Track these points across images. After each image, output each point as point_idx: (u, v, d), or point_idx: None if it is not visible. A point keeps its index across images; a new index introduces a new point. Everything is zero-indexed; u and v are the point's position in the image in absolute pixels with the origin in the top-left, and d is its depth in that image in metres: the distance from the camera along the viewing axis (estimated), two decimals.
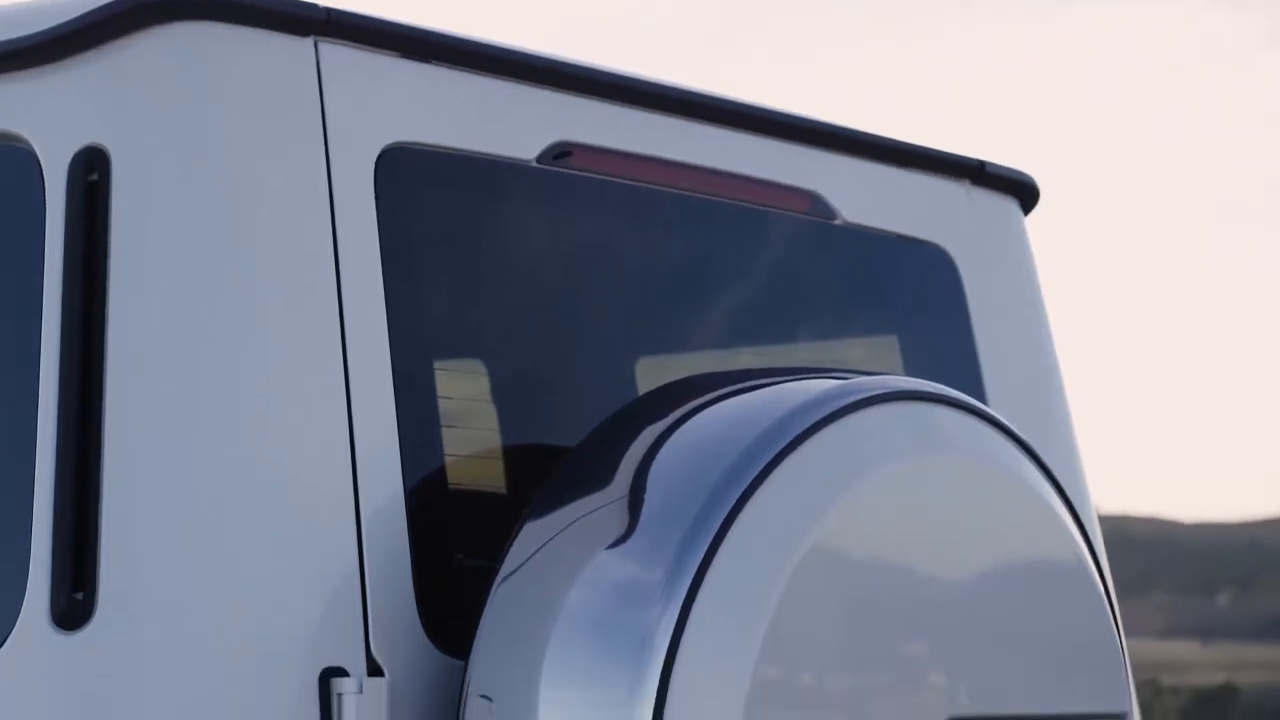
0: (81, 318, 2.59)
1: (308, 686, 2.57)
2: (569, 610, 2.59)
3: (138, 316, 2.60)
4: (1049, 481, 2.87)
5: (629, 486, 2.67)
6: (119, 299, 2.59)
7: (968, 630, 2.73)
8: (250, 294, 2.63)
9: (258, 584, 2.58)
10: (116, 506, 2.56)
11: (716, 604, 2.53)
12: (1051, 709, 2.83)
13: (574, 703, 2.56)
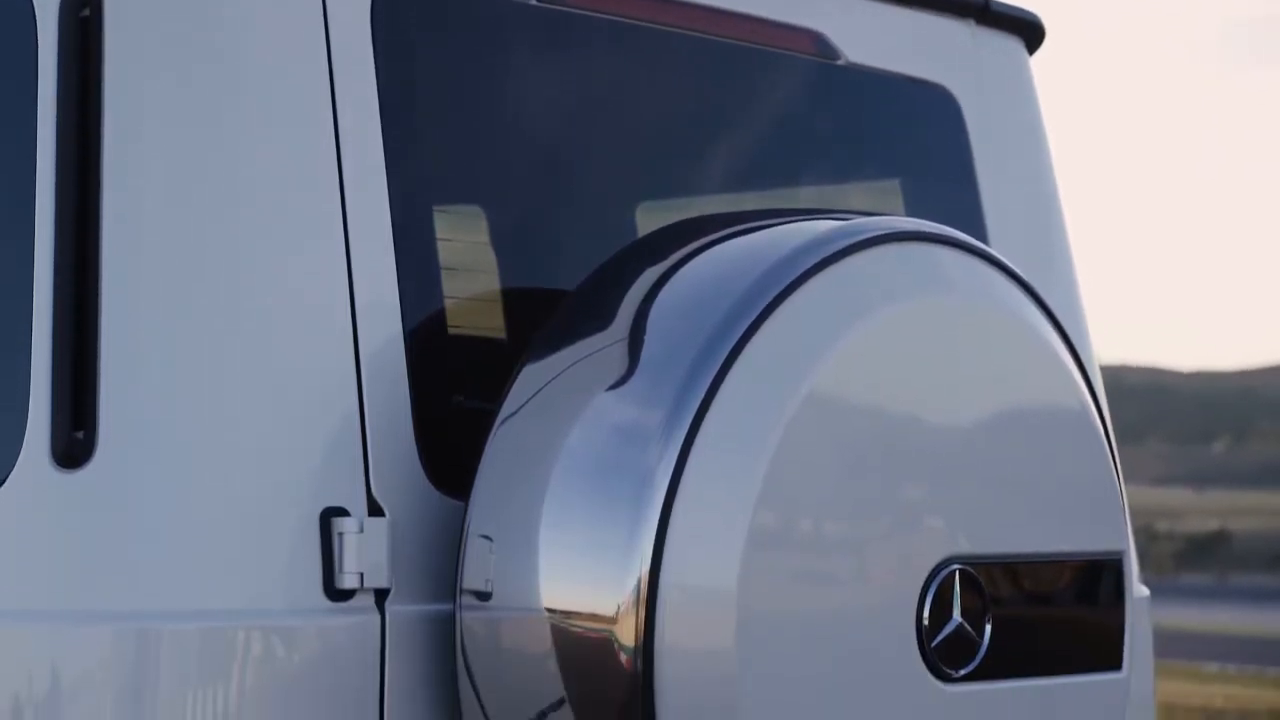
0: (77, 156, 2.58)
1: (308, 526, 2.58)
2: (569, 451, 2.59)
3: (134, 157, 2.58)
4: (1051, 324, 2.86)
5: (628, 329, 2.66)
6: (114, 140, 2.57)
7: (967, 472, 2.73)
8: (247, 136, 2.61)
9: (257, 424, 2.59)
10: (115, 345, 2.55)
11: (716, 445, 2.53)
12: (1050, 549, 2.84)
13: (574, 543, 2.57)
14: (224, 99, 2.61)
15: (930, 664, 2.66)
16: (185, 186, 2.59)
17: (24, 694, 2.53)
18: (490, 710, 2.60)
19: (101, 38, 2.58)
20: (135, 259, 2.57)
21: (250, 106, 2.62)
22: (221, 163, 2.60)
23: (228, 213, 2.60)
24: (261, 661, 2.54)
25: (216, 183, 2.60)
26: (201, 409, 2.57)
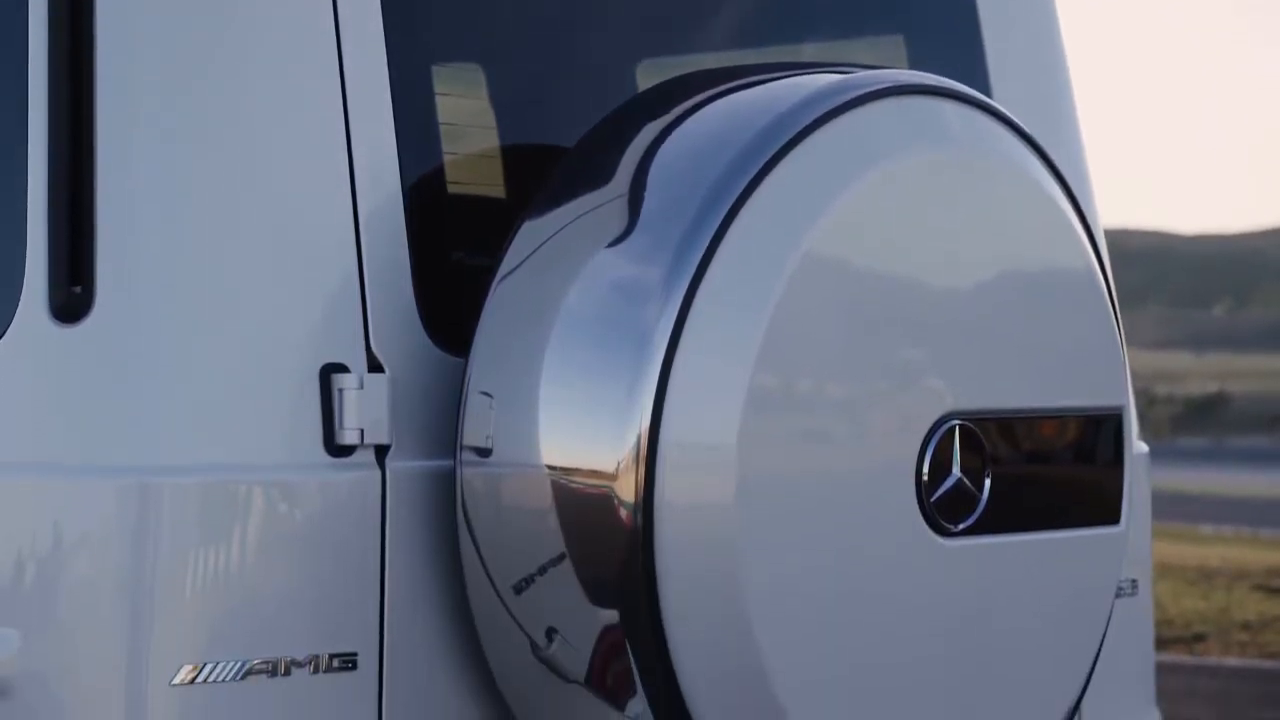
0: (72, 9, 2.55)
1: (308, 382, 2.58)
2: (568, 308, 2.59)
3: (132, 8, 2.56)
4: (1056, 179, 2.84)
5: (628, 185, 2.65)
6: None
7: (968, 329, 2.73)
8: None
9: (256, 280, 2.58)
10: (112, 200, 2.54)
11: (716, 302, 2.53)
12: (1050, 404, 2.84)
13: (574, 400, 2.57)
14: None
15: (929, 519, 2.67)
16: (183, 40, 2.57)
17: (26, 549, 2.54)
18: (491, 566, 2.61)
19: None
20: (132, 113, 2.55)
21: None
22: (218, 22, 2.58)
23: (225, 70, 2.58)
24: (263, 516, 2.55)
25: (214, 39, 2.58)
26: (200, 264, 2.56)
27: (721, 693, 2.54)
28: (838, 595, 2.61)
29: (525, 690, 2.66)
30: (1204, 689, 9.71)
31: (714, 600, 2.52)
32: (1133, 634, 3.44)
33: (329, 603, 2.57)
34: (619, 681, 2.56)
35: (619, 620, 2.53)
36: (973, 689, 2.75)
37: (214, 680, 2.49)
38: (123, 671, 2.47)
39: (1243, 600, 12.83)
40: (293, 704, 2.54)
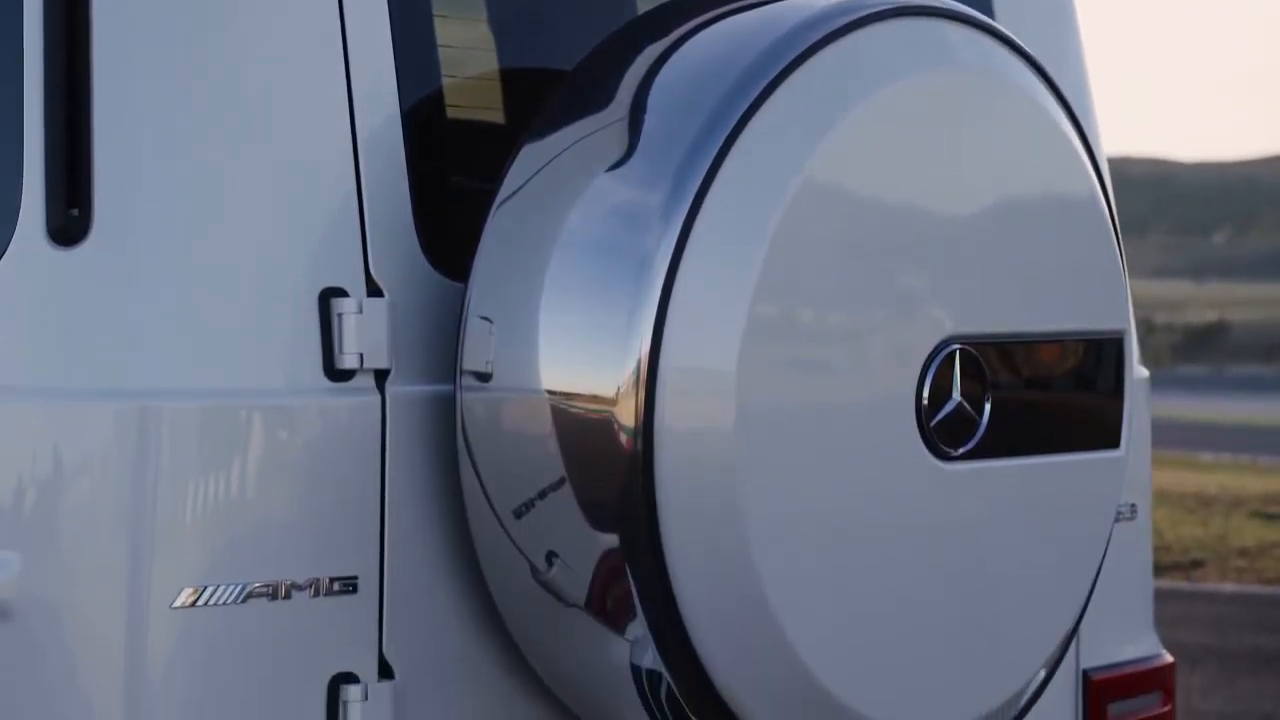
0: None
1: (307, 305, 2.57)
2: (568, 233, 2.58)
3: None
4: (1059, 102, 2.83)
5: (628, 109, 2.64)
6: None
7: (970, 253, 2.72)
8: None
9: (254, 204, 2.57)
10: (110, 123, 2.53)
11: (717, 226, 2.52)
12: (1051, 329, 2.84)
13: (573, 325, 2.57)
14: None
15: (929, 443, 2.66)
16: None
17: (26, 473, 2.54)
18: (491, 490, 2.62)
19: None
20: (129, 37, 2.54)
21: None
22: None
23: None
24: (262, 441, 2.55)
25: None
26: (198, 188, 2.55)
27: (721, 616, 2.54)
28: (837, 520, 2.61)
29: (525, 614, 2.67)
30: (1201, 614, 9.75)
31: (714, 524, 2.52)
32: (1131, 558, 3.45)
33: (329, 526, 2.58)
34: (619, 605, 2.56)
35: (619, 544, 2.53)
36: (972, 612, 2.75)
37: (214, 603, 2.49)
38: (123, 594, 2.48)
39: (1240, 527, 12.87)
40: (293, 627, 2.54)
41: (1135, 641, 3.51)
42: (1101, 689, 3.41)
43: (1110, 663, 3.44)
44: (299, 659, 2.55)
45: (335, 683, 2.57)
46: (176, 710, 2.49)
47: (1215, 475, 16.84)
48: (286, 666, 2.54)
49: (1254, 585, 10.92)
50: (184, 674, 2.49)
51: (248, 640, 2.51)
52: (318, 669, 2.56)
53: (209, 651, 2.50)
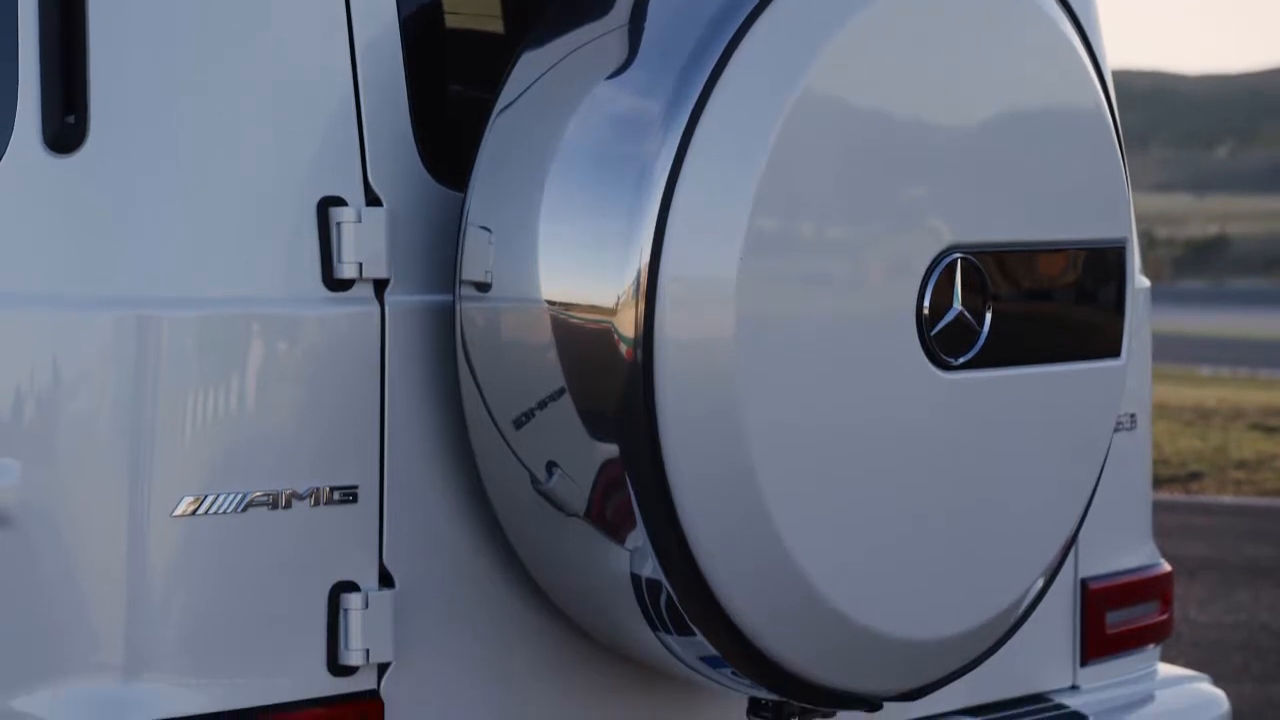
0: None
1: (306, 215, 2.56)
2: (568, 142, 2.57)
3: None
4: (1063, 9, 2.80)
5: (628, 16, 2.62)
6: None
7: (972, 162, 2.71)
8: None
9: (251, 112, 2.56)
10: (105, 29, 2.51)
11: (717, 136, 2.50)
12: (1052, 237, 2.83)
13: (573, 235, 2.56)
14: None
15: (929, 352, 2.66)
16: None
17: (24, 383, 2.54)
18: (490, 401, 2.61)
19: None
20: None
21: None
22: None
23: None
24: (261, 350, 2.55)
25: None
26: (195, 97, 2.54)
27: (721, 525, 2.55)
28: (838, 429, 2.60)
29: (525, 524, 2.67)
30: (1199, 526, 9.78)
31: (714, 434, 2.52)
32: (1130, 468, 3.46)
33: (329, 437, 2.57)
34: (619, 515, 2.57)
35: (619, 454, 2.53)
36: (971, 521, 2.76)
37: (215, 512, 2.50)
38: (123, 503, 2.48)
39: (1239, 439, 12.89)
40: (294, 536, 2.55)
41: (1134, 551, 3.52)
42: (1099, 598, 3.42)
43: (1108, 572, 3.45)
44: (300, 568, 2.56)
45: (336, 591, 2.58)
46: (177, 618, 2.50)
47: (1214, 389, 16.85)
48: (287, 575, 2.55)
49: (1252, 497, 10.95)
50: (185, 582, 2.50)
51: (248, 549, 2.52)
52: (318, 577, 2.57)
53: (210, 560, 2.50)
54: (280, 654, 2.55)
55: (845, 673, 2.71)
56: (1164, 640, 3.60)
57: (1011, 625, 2.89)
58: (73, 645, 2.49)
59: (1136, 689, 3.49)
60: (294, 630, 2.55)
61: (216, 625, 2.51)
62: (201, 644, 2.51)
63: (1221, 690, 3.62)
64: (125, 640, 2.48)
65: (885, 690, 2.81)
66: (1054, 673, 3.40)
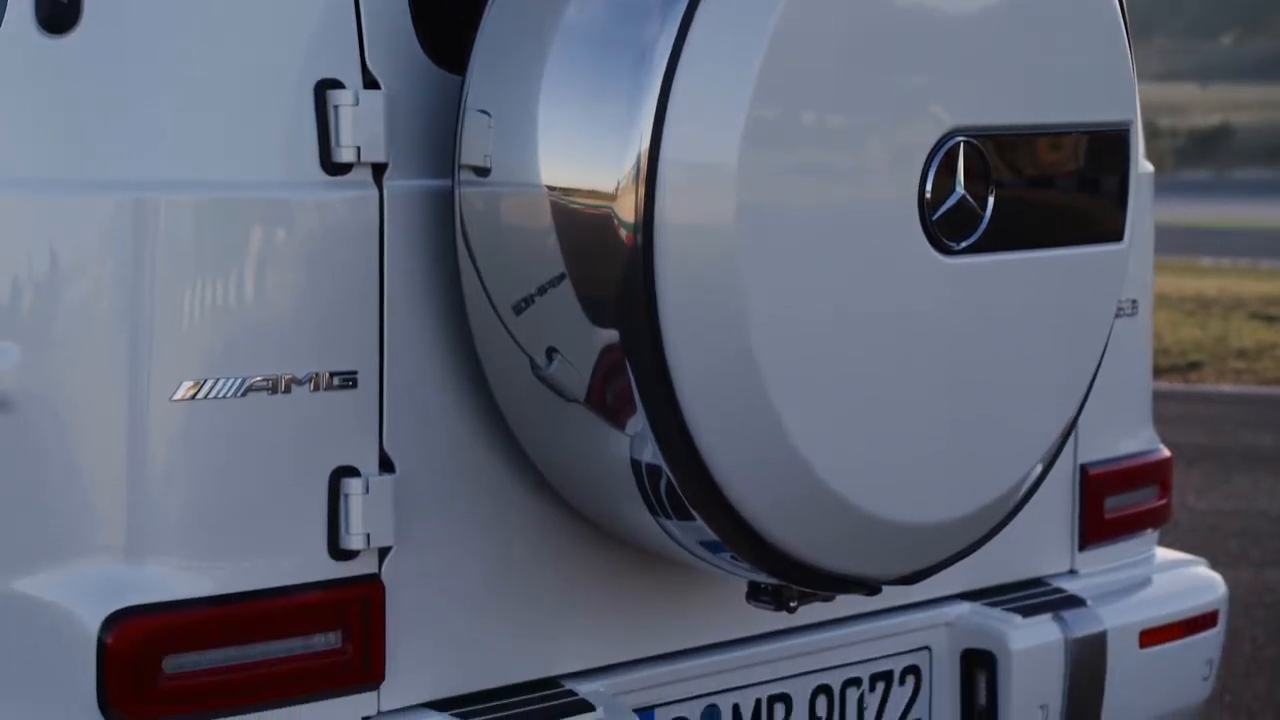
0: None
1: (303, 98, 2.54)
2: (567, 25, 2.55)
3: None
4: None
5: None
6: None
7: (975, 44, 2.69)
8: None
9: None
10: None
11: (718, 19, 2.48)
12: (1056, 120, 2.81)
13: (573, 119, 2.55)
14: None
15: (931, 237, 2.65)
16: None
17: (22, 266, 2.53)
18: (490, 287, 2.61)
19: None
20: None
21: None
22: None
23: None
24: (259, 234, 2.54)
25: None
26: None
27: (722, 410, 2.55)
28: (839, 314, 2.60)
29: (525, 409, 2.67)
30: (1198, 414, 9.80)
31: (714, 319, 2.52)
32: (1131, 354, 3.46)
33: (328, 322, 2.57)
34: (619, 400, 2.57)
35: (619, 339, 2.53)
36: (972, 406, 2.76)
37: (214, 396, 2.50)
38: (123, 387, 2.48)
39: (1239, 329, 12.89)
40: (294, 421, 2.55)
41: (1133, 436, 3.52)
42: (1098, 483, 3.43)
43: (1108, 457, 3.45)
44: (300, 452, 2.56)
45: (336, 476, 2.58)
46: (178, 502, 2.50)
47: (1215, 279, 16.84)
48: (287, 460, 2.55)
49: (1251, 386, 10.96)
50: (185, 466, 2.50)
51: (249, 434, 2.52)
52: (319, 462, 2.57)
53: (210, 444, 2.51)
54: (281, 538, 2.55)
55: (845, 557, 2.72)
56: (1163, 525, 3.61)
57: (1010, 510, 2.89)
58: (74, 528, 2.50)
59: (1134, 573, 3.51)
60: (295, 514, 2.56)
61: (217, 509, 2.52)
62: (203, 527, 2.51)
63: (1218, 574, 3.64)
64: (126, 523, 2.48)
65: (884, 574, 2.82)
66: (1052, 557, 3.41)
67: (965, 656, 3.22)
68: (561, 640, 2.83)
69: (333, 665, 2.58)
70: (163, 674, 2.47)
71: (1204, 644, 3.49)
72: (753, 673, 3.02)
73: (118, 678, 2.45)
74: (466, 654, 2.73)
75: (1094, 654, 3.28)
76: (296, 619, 2.55)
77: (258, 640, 2.53)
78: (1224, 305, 14.15)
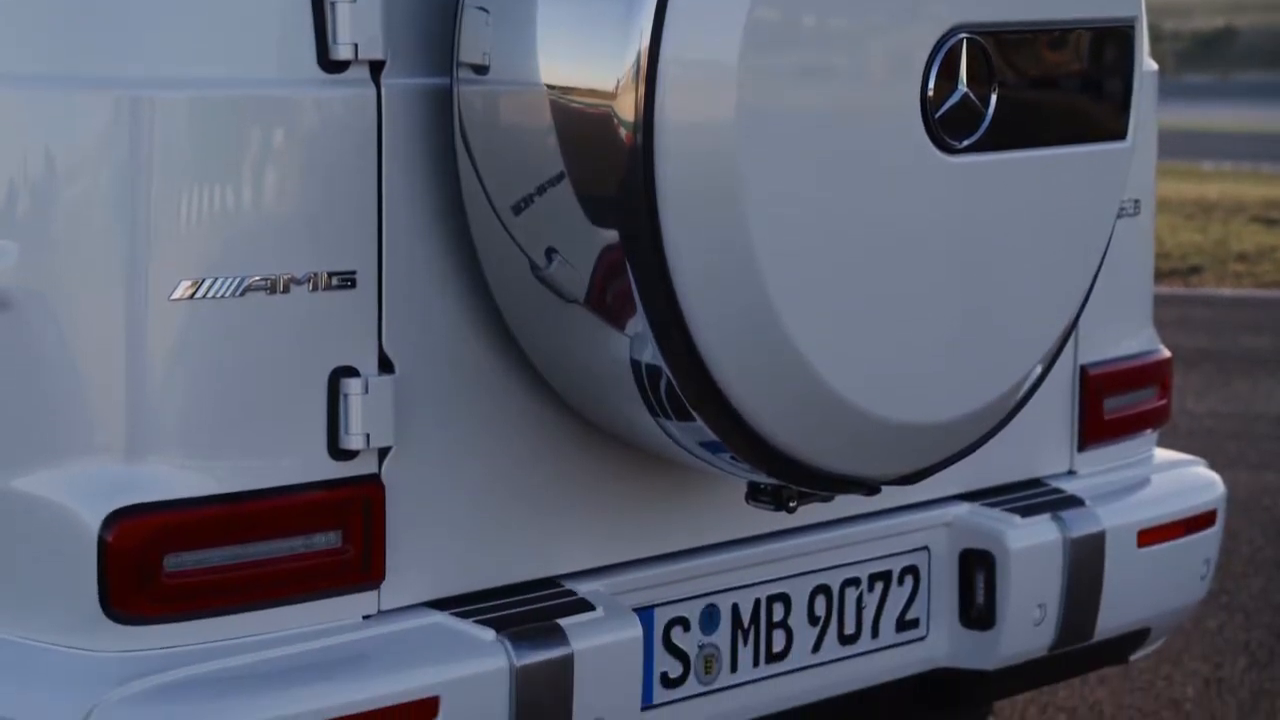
0: None
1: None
2: None
3: None
4: None
5: None
6: None
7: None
8: None
9: None
10: None
11: None
12: (1059, 16, 2.79)
13: (572, 17, 2.53)
14: None
15: (933, 135, 2.63)
16: None
17: (19, 165, 2.52)
18: (489, 186, 2.60)
19: None
20: None
21: None
22: None
23: None
24: (256, 132, 2.53)
25: None
26: None
27: (722, 310, 2.54)
28: (840, 213, 2.59)
29: (524, 310, 2.67)
30: (1198, 319, 9.79)
31: (714, 218, 2.51)
32: (1133, 254, 3.44)
33: (326, 221, 2.56)
34: (619, 301, 2.56)
35: (619, 239, 2.52)
36: (973, 306, 2.75)
37: (212, 296, 2.49)
38: (121, 286, 2.47)
39: (1240, 232, 12.87)
40: (292, 321, 2.54)
41: (1133, 336, 3.52)
42: (1098, 384, 3.43)
43: (1108, 358, 3.45)
44: (299, 352, 2.56)
45: (336, 376, 2.58)
46: (178, 401, 2.50)
47: (1216, 183, 16.79)
48: (286, 360, 2.55)
49: (1251, 289, 10.95)
50: (185, 366, 2.50)
51: (247, 333, 2.51)
52: (318, 362, 2.57)
53: (209, 344, 2.50)
54: (281, 438, 2.55)
55: (844, 457, 2.72)
56: (1162, 425, 3.61)
57: (1009, 410, 2.89)
58: (74, 427, 2.50)
59: (1133, 473, 3.51)
60: (294, 415, 2.56)
61: (217, 408, 2.52)
62: (202, 427, 2.51)
63: (1217, 475, 3.64)
64: (126, 423, 2.48)
65: (883, 474, 2.82)
66: (1051, 458, 3.42)
67: (964, 556, 3.23)
68: (561, 540, 2.83)
69: (333, 565, 2.59)
70: (164, 572, 2.47)
71: (1202, 543, 3.49)
72: (752, 573, 3.03)
73: (119, 576, 2.45)
74: (466, 553, 2.74)
75: (1092, 554, 3.29)
76: (296, 518, 2.55)
77: (258, 539, 2.53)
78: (1225, 209, 14.11)
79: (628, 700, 2.77)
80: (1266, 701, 4.81)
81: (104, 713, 2.41)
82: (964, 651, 3.24)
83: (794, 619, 3.07)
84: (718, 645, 2.99)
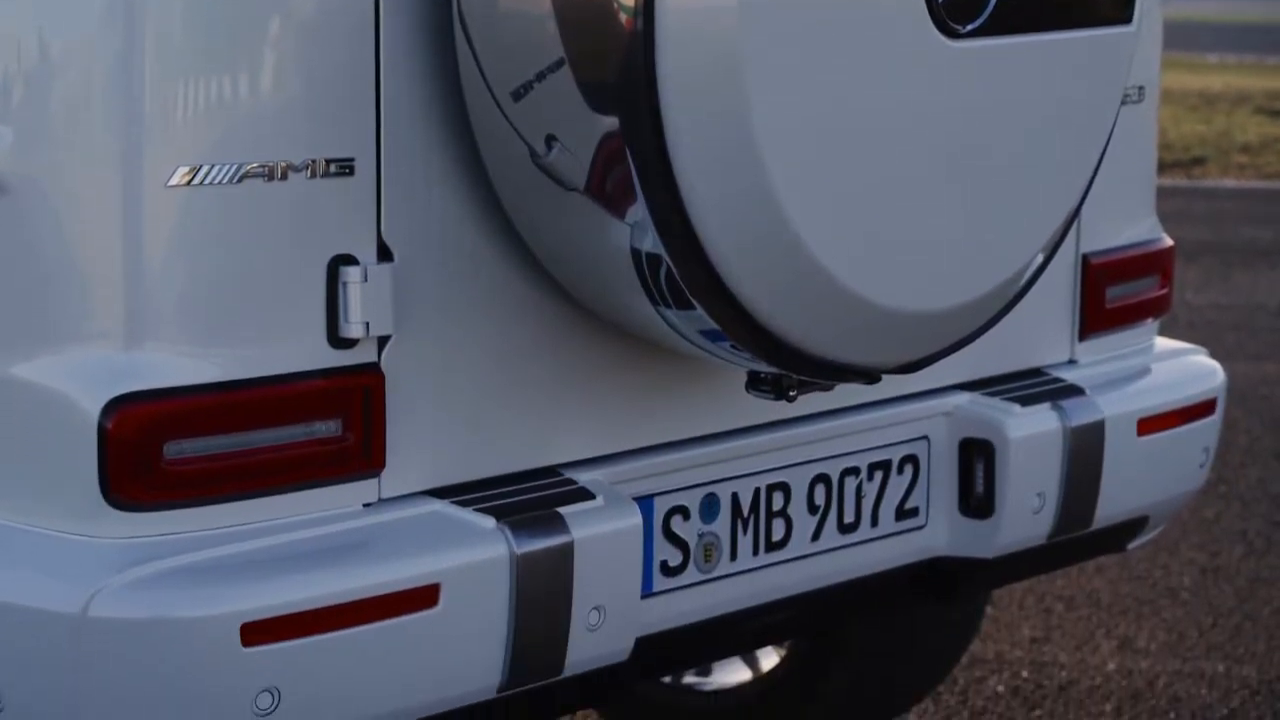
0: None
1: None
2: None
3: None
4: None
5: None
6: None
7: None
8: None
9: None
10: None
11: None
12: None
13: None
14: None
15: (937, 19, 2.61)
16: None
17: (12, 52, 2.50)
18: (488, 73, 2.58)
19: None
20: None
21: None
22: None
23: None
24: (253, 16, 2.50)
25: None
26: None
27: (722, 198, 2.53)
28: (842, 100, 2.57)
29: (524, 198, 2.66)
30: (1200, 211, 9.78)
31: (716, 105, 2.49)
32: (1136, 142, 3.43)
33: (324, 107, 2.55)
34: (619, 189, 2.55)
35: (619, 126, 2.50)
36: (975, 194, 2.73)
37: (210, 183, 2.48)
38: (117, 172, 2.46)
39: (1243, 123, 12.83)
40: (290, 207, 2.53)
41: (1136, 225, 3.50)
42: (1100, 273, 3.42)
43: (1110, 246, 3.44)
44: (297, 240, 2.55)
45: (334, 264, 2.57)
46: (175, 288, 2.50)
47: (1220, 75, 16.72)
48: (284, 247, 2.54)
49: (1254, 181, 10.93)
50: (182, 253, 2.49)
51: (245, 221, 2.50)
52: (316, 250, 2.56)
53: (207, 231, 2.49)
54: (280, 326, 2.55)
55: (844, 345, 2.72)
56: (1163, 315, 3.60)
57: (1011, 299, 2.88)
58: (72, 314, 2.49)
59: (1133, 362, 3.51)
60: (293, 302, 2.55)
61: (215, 296, 2.51)
62: (201, 315, 2.51)
63: (1217, 363, 3.64)
64: (125, 310, 2.48)
65: (884, 363, 2.82)
66: (1052, 347, 3.41)
67: (963, 445, 3.23)
68: (561, 429, 2.84)
69: (333, 453, 2.59)
70: (163, 459, 2.47)
71: (1201, 431, 3.49)
72: (751, 462, 3.03)
73: (119, 463, 2.46)
74: (466, 442, 2.74)
75: (1092, 442, 3.29)
76: (296, 406, 2.55)
77: (258, 427, 2.53)
78: (1229, 100, 14.06)
79: (628, 588, 2.78)
80: (1263, 589, 4.83)
81: (106, 598, 2.42)
82: (963, 540, 3.25)
83: (793, 508, 3.08)
84: (717, 534, 3.00)
